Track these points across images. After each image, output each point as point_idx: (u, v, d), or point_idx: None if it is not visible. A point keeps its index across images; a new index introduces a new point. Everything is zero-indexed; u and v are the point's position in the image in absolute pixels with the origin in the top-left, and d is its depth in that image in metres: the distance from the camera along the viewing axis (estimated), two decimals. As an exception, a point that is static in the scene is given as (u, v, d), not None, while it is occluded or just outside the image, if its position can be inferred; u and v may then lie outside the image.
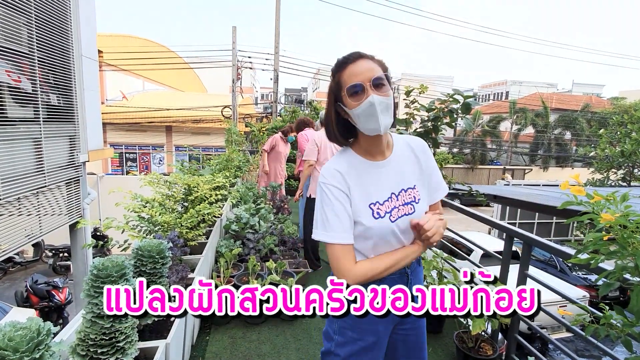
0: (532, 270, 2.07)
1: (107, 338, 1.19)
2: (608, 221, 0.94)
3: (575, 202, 1.12)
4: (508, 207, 12.84)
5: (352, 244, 1.04)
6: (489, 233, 12.89)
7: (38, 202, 4.02)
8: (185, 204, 2.67)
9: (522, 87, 36.88)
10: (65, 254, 9.53)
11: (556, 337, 5.54)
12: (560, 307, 5.72)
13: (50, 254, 9.75)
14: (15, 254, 9.19)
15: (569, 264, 8.29)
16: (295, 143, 4.90)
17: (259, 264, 2.85)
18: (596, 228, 0.99)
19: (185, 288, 1.96)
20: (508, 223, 2.52)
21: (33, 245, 9.69)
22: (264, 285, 2.63)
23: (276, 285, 2.71)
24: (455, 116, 2.39)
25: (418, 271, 1.20)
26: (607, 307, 1.46)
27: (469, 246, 6.76)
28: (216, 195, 2.66)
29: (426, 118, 2.60)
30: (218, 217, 3.19)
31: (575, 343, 6.33)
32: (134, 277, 1.39)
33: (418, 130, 2.65)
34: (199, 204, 2.51)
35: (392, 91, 1.04)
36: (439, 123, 2.58)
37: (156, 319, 1.53)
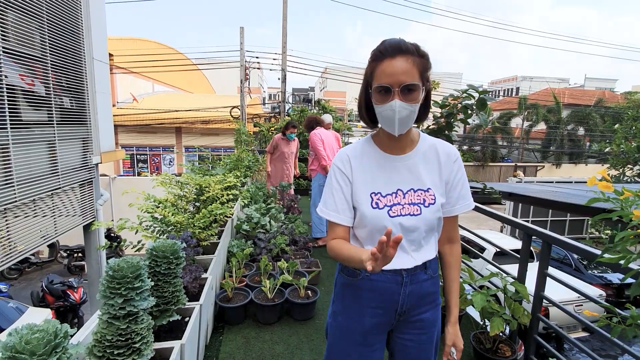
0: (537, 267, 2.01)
1: (123, 339, 1.19)
2: (642, 218, 0.90)
3: (602, 199, 1.07)
4: (520, 205, 12.64)
5: (339, 224, 1.08)
6: (501, 231, 12.70)
7: (53, 203, 4.08)
8: (197, 204, 2.67)
9: (533, 83, 36.24)
10: (80, 254, 9.69)
11: (572, 336, 5.43)
12: (576, 306, 5.60)
13: (65, 254, 9.93)
14: (31, 255, 9.38)
15: (584, 262, 8.10)
16: (305, 142, 4.88)
17: (270, 263, 2.84)
18: (629, 225, 0.94)
19: (199, 288, 1.95)
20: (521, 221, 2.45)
21: (48, 245, 9.87)
22: (277, 284, 2.61)
23: (288, 284, 2.69)
24: (469, 112, 2.33)
25: (421, 276, 1.10)
26: (633, 307, 1.41)
27: (481, 244, 6.67)
28: (227, 195, 2.66)
29: (439, 115, 2.55)
30: (229, 217, 3.19)
31: (592, 342, 6.20)
32: (148, 278, 1.38)
33: (431, 127, 2.60)
34: (211, 204, 2.50)
35: (426, 85, 1.00)
36: (453, 120, 2.53)
37: (171, 320, 1.53)
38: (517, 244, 6.99)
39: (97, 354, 1.17)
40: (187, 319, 1.67)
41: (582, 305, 5.63)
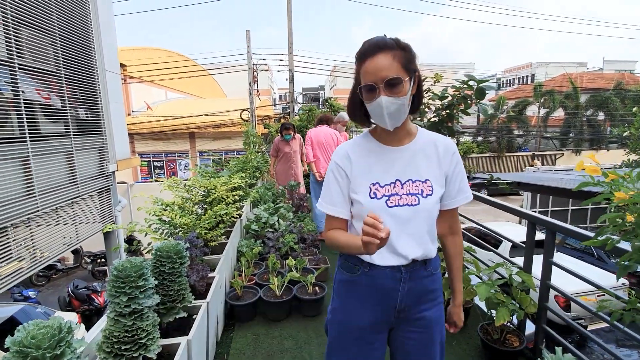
0: (559, 258, 1.98)
1: (129, 335, 1.25)
2: (622, 200, 0.89)
3: (592, 183, 1.07)
4: (539, 195, 12.33)
5: (336, 216, 1.12)
6: (520, 223, 12.40)
7: (73, 211, 4.26)
8: (205, 206, 2.75)
9: (549, 69, 35.10)
10: (103, 260, 10.05)
11: (595, 327, 5.27)
12: (598, 295, 5.45)
13: (88, 260, 10.31)
14: (57, 262, 9.78)
15: (607, 252, 7.87)
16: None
17: (279, 262, 2.89)
18: (610, 207, 0.94)
19: (206, 287, 2.02)
20: (539, 211, 2.42)
21: (73, 252, 10.28)
22: (284, 282, 2.65)
23: (297, 282, 2.73)
24: (469, 102, 2.32)
25: (420, 272, 1.11)
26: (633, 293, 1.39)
27: (498, 238, 6.55)
28: (233, 196, 2.72)
29: (439, 106, 2.54)
30: (237, 217, 3.26)
31: (615, 333, 6.00)
32: (153, 277, 1.45)
33: (432, 119, 2.60)
34: (217, 205, 2.57)
35: (415, 79, 1.02)
36: (454, 111, 2.51)
37: (177, 317, 1.59)
38: (538, 235, 6.83)
39: (106, 350, 1.24)
40: (194, 316, 1.74)
41: (604, 295, 5.47)
